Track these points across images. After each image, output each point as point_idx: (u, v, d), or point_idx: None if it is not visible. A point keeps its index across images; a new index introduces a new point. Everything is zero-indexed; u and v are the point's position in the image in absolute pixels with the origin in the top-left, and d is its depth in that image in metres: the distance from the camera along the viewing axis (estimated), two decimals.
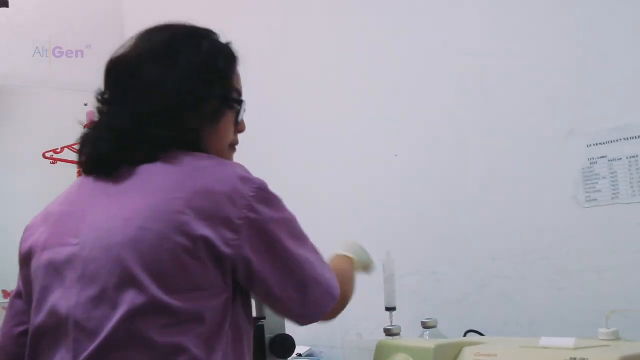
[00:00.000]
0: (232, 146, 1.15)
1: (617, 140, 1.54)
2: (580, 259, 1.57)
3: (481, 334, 1.62)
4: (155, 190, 0.98)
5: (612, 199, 1.54)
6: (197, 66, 1.06)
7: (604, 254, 1.53)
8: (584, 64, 1.60)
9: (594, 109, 1.58)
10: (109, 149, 1.03)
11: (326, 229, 1.99)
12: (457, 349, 1.25)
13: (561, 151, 1.61)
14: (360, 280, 1.28)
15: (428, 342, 1.40)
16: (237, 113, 1.13)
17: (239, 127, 1.15)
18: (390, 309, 1.63)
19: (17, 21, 2.67)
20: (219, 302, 0.97)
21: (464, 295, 1.76)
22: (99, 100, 1.09)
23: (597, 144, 1.57)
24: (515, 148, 1.70)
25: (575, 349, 1.08)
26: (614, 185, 1.54)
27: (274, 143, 2.22)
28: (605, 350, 1.11)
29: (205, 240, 0.94)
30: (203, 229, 0.94)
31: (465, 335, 1.65)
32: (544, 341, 1.16)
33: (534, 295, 1.64)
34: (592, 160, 1.57)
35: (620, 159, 1.53)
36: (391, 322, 1.61)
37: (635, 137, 1.51)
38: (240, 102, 1.13)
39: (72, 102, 2.49)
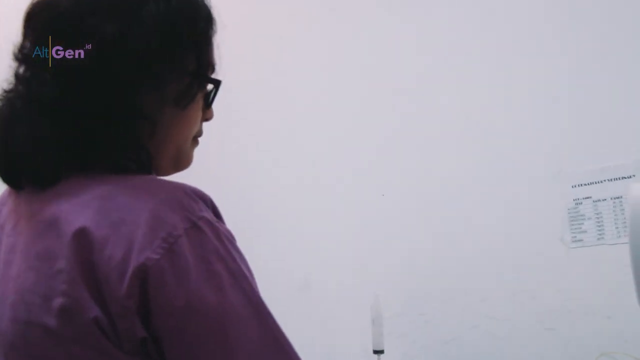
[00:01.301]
0: (196, 138, 0.87)
1: (601, 181, 1.55)
2: (569, 299, 1.57)
3: None
4: (34, 254, 0.69)
5: (598, 239, 1.55)
6: (168, 27, 0.75)
7: (592, 295, 1.54)
8: (570, 108, 1.63)
9: (580, 150, 1.60)
10: (26, 140, 0.71)
11: (315, 271, 1.99)
12: None
13: (548, 192, 1.63)
14: (348, 323, 1.28)
15: None
16: (209, 96, 0.85)
17: (207, 114, 0.87)
18: (378, 352, 1.61)
19: None
20: None
21: (453, 336, 1.75)
22: (17, 59, 0.76)
23: (581, 185, 1.58)
24: (503, 189, 1.71)
25: None
26: (599, 226, 1.55)
27: (263, 185, 2.21)
28: None
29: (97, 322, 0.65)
30: (93, 309, 0.65)
31: None
32: None
33: (522, 335, 1.64)
34: (578, 201, 1.58)
35: (605, 199, 1.55)
36: None
37: (619, 178, 1.53)
38: (217, 83, 0.84)
39: None
